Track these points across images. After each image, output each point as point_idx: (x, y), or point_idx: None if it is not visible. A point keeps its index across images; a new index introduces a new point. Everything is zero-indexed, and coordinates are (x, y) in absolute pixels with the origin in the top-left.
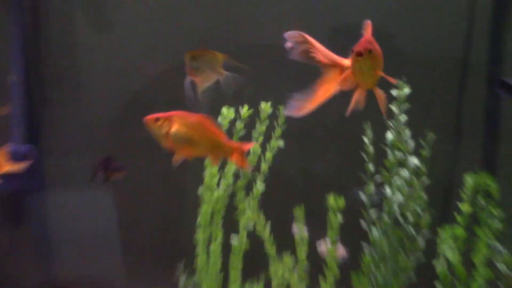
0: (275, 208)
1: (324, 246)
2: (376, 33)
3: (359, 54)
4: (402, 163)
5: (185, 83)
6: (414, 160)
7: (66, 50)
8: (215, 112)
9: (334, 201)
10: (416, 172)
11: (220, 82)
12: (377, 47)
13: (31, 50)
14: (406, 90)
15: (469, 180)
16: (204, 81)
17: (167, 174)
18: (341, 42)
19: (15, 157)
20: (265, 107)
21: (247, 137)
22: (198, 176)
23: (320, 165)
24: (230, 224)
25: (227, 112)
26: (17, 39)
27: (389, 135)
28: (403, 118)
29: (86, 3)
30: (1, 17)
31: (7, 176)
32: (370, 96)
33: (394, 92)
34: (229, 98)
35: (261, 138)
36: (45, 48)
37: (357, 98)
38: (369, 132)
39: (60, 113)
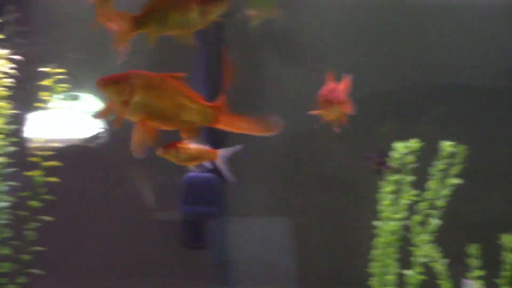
0: (450, 243)
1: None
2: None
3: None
4: None
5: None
6: None
7: (248, 80)
8: None
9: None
10: None
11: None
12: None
13: (214, 80)
14: None
15: None
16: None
17: (344, 204)
18: None
19: (198, 185)
20: (445, 145)
21: (420, 173)
22: (374, 207)
23: (496, 205)
24: (405, 257)
25: (400, 147)
26: (201, 69)
27: None
28: None
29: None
30: (186, 48)
31: (191, 202)
32: None
33: None
34: None
35: (439, 175)
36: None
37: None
38: None
39: (242, 142)
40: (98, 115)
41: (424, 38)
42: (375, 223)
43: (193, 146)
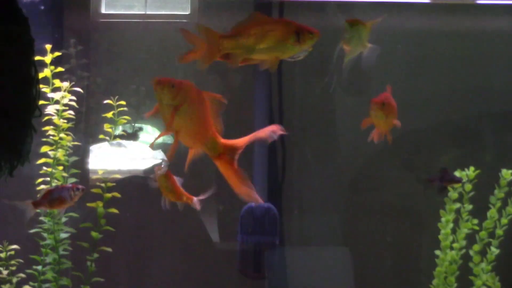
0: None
1: None
2: None
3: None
4: None
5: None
6: None
7: (308, 112)
8: None
9: None
10: None
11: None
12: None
13: (275, 111)
14: None
15: None
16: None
17: (404, 233)
18: None
19: (256, 215)
20: (506, 174)
21: (480, 201)
22: (433, 237)
23: None
24: (465, 287)
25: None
26: (262, 101)
27: None
28: None
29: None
30: (247, 79)
31: (251, 231)
32: None
33: None
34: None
35: (498, 204)
36: (289, 109)
37: None
38: None
39: (301, 174)
40: (146, 114)
41: (486, 66)
42: (435, 252)
43: (178, 184)
